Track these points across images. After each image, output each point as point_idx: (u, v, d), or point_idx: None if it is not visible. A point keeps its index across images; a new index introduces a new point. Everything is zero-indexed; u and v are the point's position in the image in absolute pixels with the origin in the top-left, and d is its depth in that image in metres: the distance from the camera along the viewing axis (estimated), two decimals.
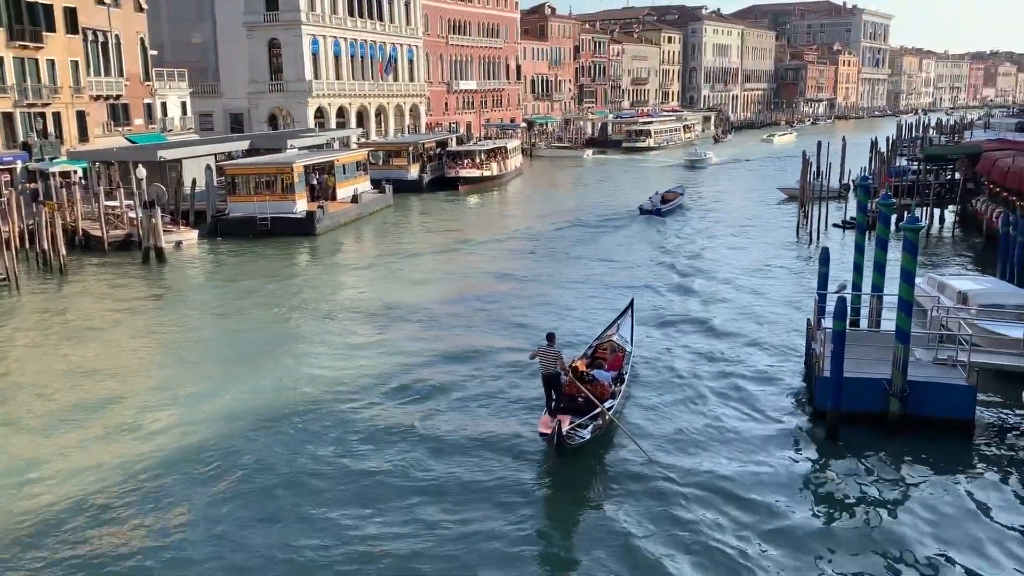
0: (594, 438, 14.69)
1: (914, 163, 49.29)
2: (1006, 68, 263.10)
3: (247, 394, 18.23)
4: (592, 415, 15.01)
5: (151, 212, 32.93)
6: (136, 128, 52.51)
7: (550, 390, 15.42)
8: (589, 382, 15.76)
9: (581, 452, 14.56)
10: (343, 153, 48.76)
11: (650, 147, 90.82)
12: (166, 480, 14.24)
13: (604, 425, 15.05)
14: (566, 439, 13.97)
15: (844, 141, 46.47)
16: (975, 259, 32.11)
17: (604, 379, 16.31)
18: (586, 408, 15.23)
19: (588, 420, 14.87)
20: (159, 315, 25.80)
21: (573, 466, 14.54)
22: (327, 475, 14.41)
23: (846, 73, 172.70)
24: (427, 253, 35.60)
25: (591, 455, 14.84)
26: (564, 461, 14.39)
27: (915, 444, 15.11)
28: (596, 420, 14.96)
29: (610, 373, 16.94)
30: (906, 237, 15.75)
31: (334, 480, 14.25)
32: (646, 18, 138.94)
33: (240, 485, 14.09)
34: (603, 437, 15.23)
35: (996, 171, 34.54)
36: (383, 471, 14.59)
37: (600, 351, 18.42)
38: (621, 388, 16.70)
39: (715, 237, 37.87)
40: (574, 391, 15.49)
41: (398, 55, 76.32)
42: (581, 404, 15.30)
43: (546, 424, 14.55)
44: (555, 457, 14.30)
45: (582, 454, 14.63)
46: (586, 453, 14.73)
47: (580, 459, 14.61)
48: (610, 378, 16.62)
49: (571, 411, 15.17)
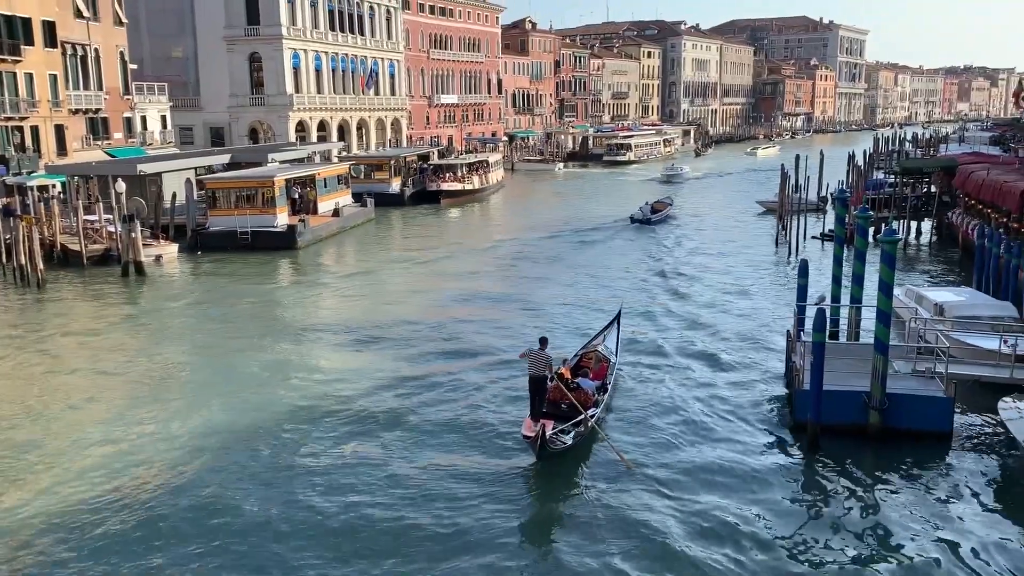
0: (575, 444, 14.92)
1: (891, 176, 49.89)
2: (980, 83, 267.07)
3: (226, 409, 18.09)
4: (575, 422, 15.22)
5: (130, 226, 32.71)
6: (116, 142, 52.21)
7: (535, 393, 15.71)
8: (574, 389, 15.95)
9: (562, 457, 14.73)
10: (324, 167, 48.71)
11: (630, 161, 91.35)
12: (140, 495, 14.08)
13: (586, 432, 15.28)
14: (549, 443, 14.24)
15: (822, 155, 46.97)
16: (952, 271, 32.50)
17: (588, 387, 16.52)
18: (569, 414, 15.44)
19: (571, 426, 15.10)
20: (138, 329, 25.60)
21: (554, 470, 14.68)
22: (308, 486, 14.31)
23: (823, 88, 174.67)
24: (409, 267, 35.58)
25: (572, 460, 14.99)
26: (545, 465, 14.55)
27: (895, 456, 15.23)
28: (578, 427, 15.17)
29: (594, 382, 17.15)
30: (884, 249, 15.93)
31: (315, 491, 14.16)
32: (626, 33, 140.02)
33: (216, 500, 13.94)
34: (584, 444, 15.39)
35: (971, 184, 35.00)
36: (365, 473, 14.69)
37: (585, 360, 18.65)
38: (604, 397, 16.94)
39: (697, 250, 38.08)
40: (559, 397, 15.71)
41: (379, 69, 76.42)
42: (564, 410, 15.52)
43: (529, 427, 14.86)
44: (536, 461, 14.52)
45: (563, 459, 14.79)
46: (567, 458, 14.88)
47: (561, 464, 14.76)
48: (594, 387, 16.83)
49: (554, 416, 15.43)
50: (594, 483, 14.45)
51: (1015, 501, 13.80)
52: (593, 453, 15.51)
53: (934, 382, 16.35)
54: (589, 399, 16.09)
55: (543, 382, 15.67)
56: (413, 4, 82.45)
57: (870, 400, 15.63)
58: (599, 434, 15.61)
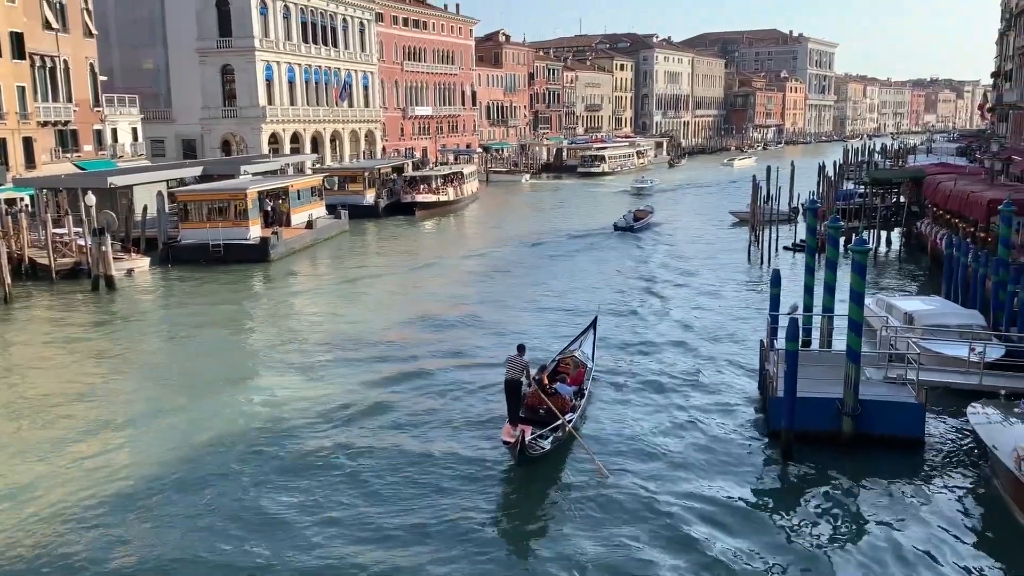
0: (553, 449, 15.17)
1: (861, 187, 50.57)
2: (946, 95, 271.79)
3: (198, 425, 17.87)
4: (552, 427, 15.47)
5: (101, 239, 32.34)
6: (85, 154, 51.62)
7: (512, 397, 15.98)
8: (552, 395, 16.24)
9: (540, 461, 14.97)
10: (297, 179, 48.48)
11: (604, 172, 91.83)
12: (110, 512, 13.88)
13: (564, 437, 15.54)
14: (528, 448, 14.49)
15: (793, 166, 47.51)
16: (921, 280, 32.94)
17: (566, 393, 16.86)
18: (547, 420, 15.69)
19: (549, 431, 15.36)
20: (108, 344, 25.27)
21: (532, 475, 14.87)
22: (281, 496, 14.20)
23: (793, 99, 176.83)
24: (383, 278, 35.46)
25: (550, 465, 15.20)
26: (524, 469, 14.79)
27: (868, 462, 15.38)
28: (556, 432, 15.43)
29: (572, 387, 17.48)
30: (854, 259, 16.13)
31: (288, 502, 14.06)
32: (599, 46, 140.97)
33: (188, 515, 13.79)
34: (562, 449, 15.59)
35: (939, 194, 35.55)
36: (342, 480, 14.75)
37: (562, 366, 18.94)
38: (581, 403, 17.25)
39: (671, 260, 38.28)
40: (537, 403, 15.98)
41: (353, 81, 76.31)
42: (542, 416, 15.79)
43: (509, 433, 15.08)
44: (515, 465, 14.78)
45: (541, 464, 15.00)
46: (545, 463, 15.09)
47: (539, 469, 14.97)
48: (571, 392, 17.20)
49: (532, 422, 15.63)
50: (571, 488, 14.61)
51: (984, 505, 13.98)
52: (570, 458, 15.70)
53: (905, 389, 16.55)
54: (566, 404, 16.38)
55: (519, 386, 15.94)
56: (387, 16, 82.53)
57: (843, 407, 15.79)
58: (577, 439, 15.78)
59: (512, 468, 14.97)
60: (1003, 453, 13.61)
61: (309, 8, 69.84)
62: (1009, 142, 64.88)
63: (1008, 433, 14.13)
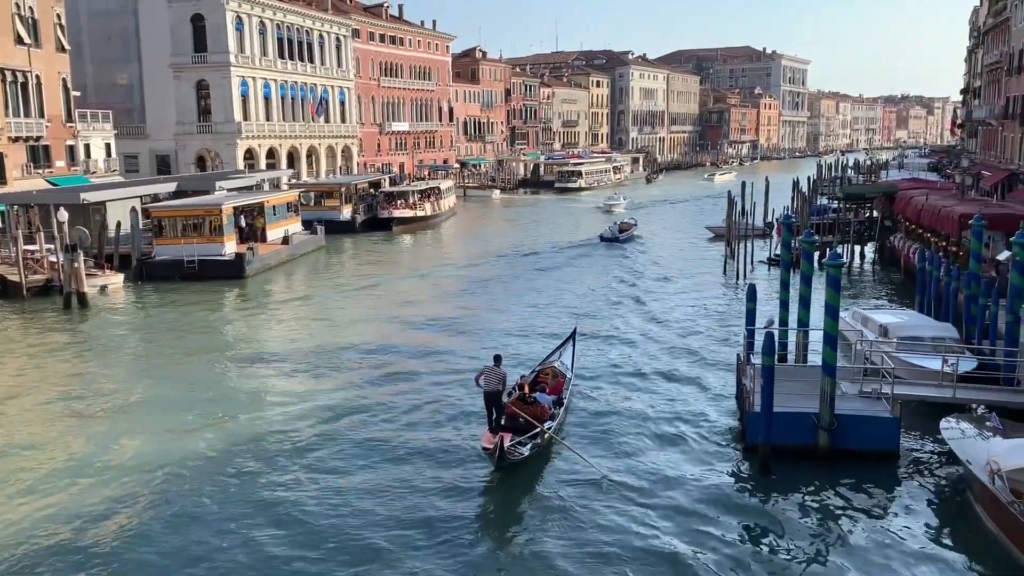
0: (532, 455, 15.64)
1: (834, 202, 51.09)
2: (917, 111, 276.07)
3: (172, 442, 17.62)
4: (531, 434, 15.95)
5: (73, 256, 31.93)
6: (58, 170, 51.03)
7: (491, 408, 16.42)
8: (531, 404, 16.74)
9: (519, 467, 15.38)
10: (273, 194, 48.23)
11: (581, 188, 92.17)
12: (82, 534, 13.63)
13: (543, 444, 16.07)
14: (507, 454, 15.00)
15: (767, 181, 47.93)
16: (895, 293, 33.26)
17: (545, 402, 17.41)
18: (526, 428, 16.11)
19: (528, 439, 15.86)
20: (79, 361, 24.90)
21: (512, 480, 15.28)
22: (261, 507, 14.06)
23: (767, 116, 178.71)
24: (360, 293, 35.28)
25: (527, 472, 15.57)
26: (504, 475, 15.17)
27: (844, 476, 15.44)
28: (535, 439, 15.94)
29: (551, 396, 18.04)
30: (829, 273, 16.25)
31: (268, 510, 14.02)
32: (575, 63, 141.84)
33: (165, 534, 13.57)
34: (541, 459, 15.98)
35: (911, 209, 35.98)
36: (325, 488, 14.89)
37: (542, 376, 19.48)
38: (560, 411, 17.70)
39: (649, 275, 38.41)
40: (516, 412, 16.44)
41: (330, 97, 76.19)
42: (522, 424, 16.19)
43: (488, 440, 15.54)
44: (495, 470, 15.19)
45: (521, 470, 15.42)
46: (523, 469, 15.48)
47: (517, 475, 15.34)
48: (551, 401, 17.74)
49: (512, 430, 16.08)
50: (549, 496, 14.93)
51: (958, 519, 14.06)
52: (549, 466, 16.06)
53: (880, 403, 16.65)
54: (545, 413, 16.88)
55: (498, 396, 16.42)
56: (363, 32, 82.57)
57: (819, 421, 15.85)
58: (561, 443, 16.44)
59: (492, 474, 15.31)
60: (977, 467, 13.71)
61: (285, 24, 69.77)
62: (979, 158, 65.93)
63: (981, 447, 14.23)
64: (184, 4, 62.75)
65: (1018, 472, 12.81)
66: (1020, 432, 14.92)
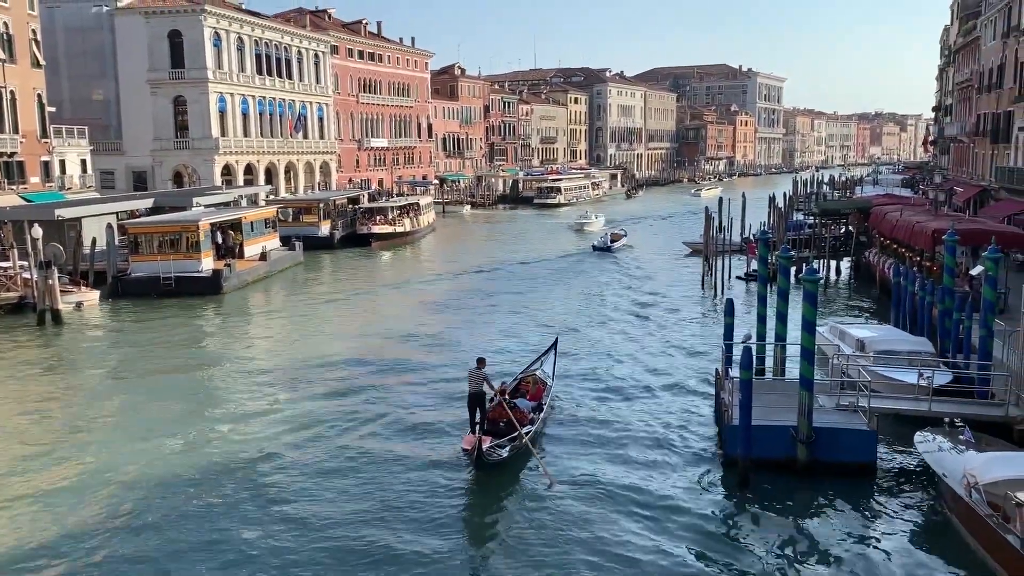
0: (511, 457, 16.24)
1: (810, 217, 51.59)
2: (890, 128, 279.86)
3: (147, 459, 17.42)
4: (510, 437, 16.60)
5: (47, 273, 31.57)
6: (32, 186, 50.52)
7: (474, 409, 17.04)
8: (511, 409, 17.35)
9: (499, 469, 15.95)
10: (251, 210, 48.00)
11: (560, 204, 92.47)
12: (51, 551, 13.41)
13: (521, 447, 16.65)
14: (485, 455, 15.62)
15: (744, 197, 48.30)
16: (871, 308, 33.57)
17: (525, 407, 18.22)
18: (507, 432, 16.78)
19: (507, 441, 16.47)
20: (53, 379, 24.57)
21: (491, 483, 15.81)
22: (241, 519, 13.89)
23: (744, 132, 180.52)
24: (338, 309, 35.14)
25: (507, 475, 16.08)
26: (484, 476, 15.80)
27: (822, 489, 15.52)
28: (514, 442, 16.56)
29: (531, 403, 18.83)
30: (805, 288, 16.39)
31: (250, 518, 13.86)
32: (553, 79, 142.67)
33: (137, 552, 13.39)
34: (520, 462, 16.54)
35: (885, 224, 36.39)
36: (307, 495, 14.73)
37: (524, 384, 20.23)
38: (540, 416, 18.39)
39: (626, 292, 38.50)
40: (498, 416, 17.11)
41: (308, 113, 76.09)
42: (503, 428, 16.91)
43: (468, 442, 16.12)
44: (475, 471, 15.86)
45: (500, 473, 15.95)
46: (503, 472, 16.03)
47: (497, 478, 15.87)
48: (531, 407, 18.54)
49: (493, 433, 16.66)
50: (525, 498, 15.39)
51: (934, 530, 14.16)
52: (527, 470, 16.58)
53: (857, 416, 16.78)
54: (524, 417, 17.59)
55: (481, 398, 17.03)
56: (342, 49, 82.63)
57: (797, 434, 15.94)
58: (532, 450, 16.74)
59: (472, 476, 15.91)
60: (952, 480, 13.83)
61: (263, 40, 69.69)
62: (951, 174, 66.91)
63: (956, 460, 14.36)
64: (162, 20, 62.55)
65: (994, 485, 12.93)
66: (992, 445, 15.11)
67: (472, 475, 15.93)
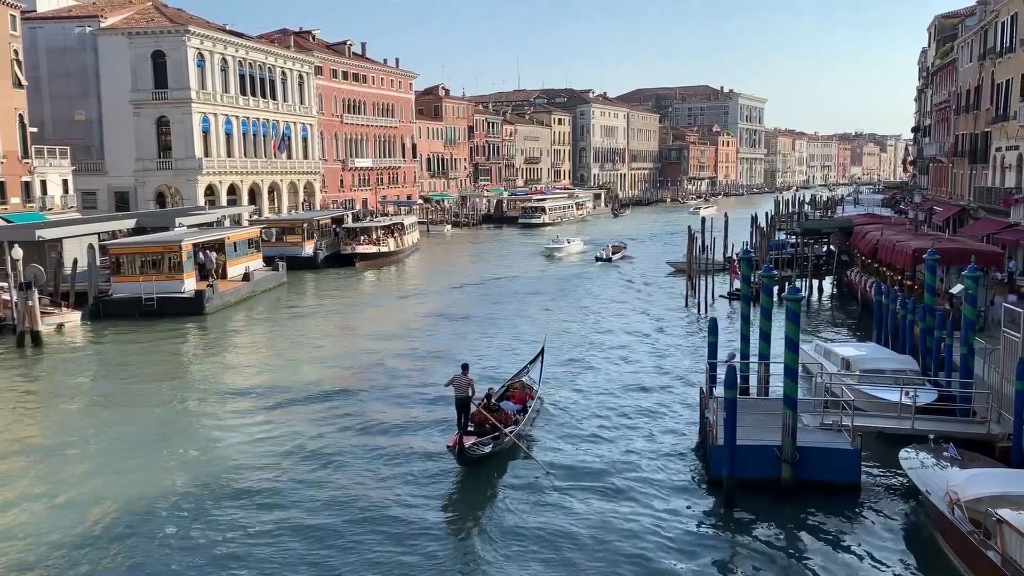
0: (494, 452, 17.28)
1: (792, 237, 51.94)
2: (870, 148, 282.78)
3: (127, 482, 17.22)
4: (493, 435, 17.68)
5: (27, 294, 31.28)
6: (12, 207, 50.13)
7: (460, 412, 18.17)
8: (496, 411, 18.42)
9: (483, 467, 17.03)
10: (234, 230, 47.82)
11: (545, 223, 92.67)
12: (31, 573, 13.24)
13: (506, 445, 17.68)
14: (468, 450, 16.67)
15: (726, 217, 48.58)
16: (853, 326, 33.77)
17: (509, 409, 19.22)
18: (491, 431, 17.83)
19: (490, 439, 17.59)
20: (32, 401, 24.29)
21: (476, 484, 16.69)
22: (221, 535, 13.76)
23: (725, 153, 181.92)
24: (321, 330, 34.97)
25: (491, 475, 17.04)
26: (468, 473, 16.81)
27: (807, 508, 15.53)
28: (498, 440, 17.61)
29: (516, 405, 19.86)
30: (788, 307, 16.49)
31: (241, 522, 13.63)
32: (537, 100, 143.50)
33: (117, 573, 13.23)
34: (503, 461, 17.54)
35: (866, 244, 36.67)
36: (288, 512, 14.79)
37: (512, 389, 21.34)
38: (524, 417, 19.44)
39: (605, 313, 38.58)
40: (482, 419, 18.08)
41: (292, 133, 76.06)
42: (487, 428, 17.88)
43: (452, 440, 17.19)
44: (459, 466, 16.84)
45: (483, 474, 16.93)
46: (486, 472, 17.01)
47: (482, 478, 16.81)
48: (516, 408, 19.58)
49: (477, 435, 17.78)
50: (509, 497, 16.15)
51: (918, 548, 14.21)
52: (510, 472, 17.41)
53: (841, 435, 16.82)
54: (509, 418, 18.66)
55: (467, 401, 18.21)
56: (326, 70, 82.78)
57: (781, 454, 15.95)
58: (519, 447, 17.85)
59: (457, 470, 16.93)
60: (936, 497, 13.88)
61: (247, 61, 69.70)
62: (930, 194, 67.63)
63: (939, 477, 14.42)
64: (145, 41, 62.47)
65: (976, 502, 12.98)
66: (976, 461, 15.18)
67: (457, 470, 16.95)
